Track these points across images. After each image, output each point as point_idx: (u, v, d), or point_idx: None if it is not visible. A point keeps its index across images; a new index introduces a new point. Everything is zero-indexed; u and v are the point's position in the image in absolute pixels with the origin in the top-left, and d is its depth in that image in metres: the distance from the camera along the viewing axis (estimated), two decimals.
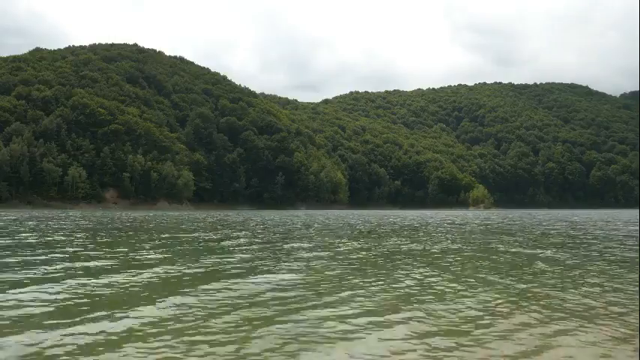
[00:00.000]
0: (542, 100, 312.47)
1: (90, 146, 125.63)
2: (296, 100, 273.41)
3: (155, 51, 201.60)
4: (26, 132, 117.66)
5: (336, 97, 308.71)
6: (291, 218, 51.87)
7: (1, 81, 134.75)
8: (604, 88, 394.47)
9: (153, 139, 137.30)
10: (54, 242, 17.54)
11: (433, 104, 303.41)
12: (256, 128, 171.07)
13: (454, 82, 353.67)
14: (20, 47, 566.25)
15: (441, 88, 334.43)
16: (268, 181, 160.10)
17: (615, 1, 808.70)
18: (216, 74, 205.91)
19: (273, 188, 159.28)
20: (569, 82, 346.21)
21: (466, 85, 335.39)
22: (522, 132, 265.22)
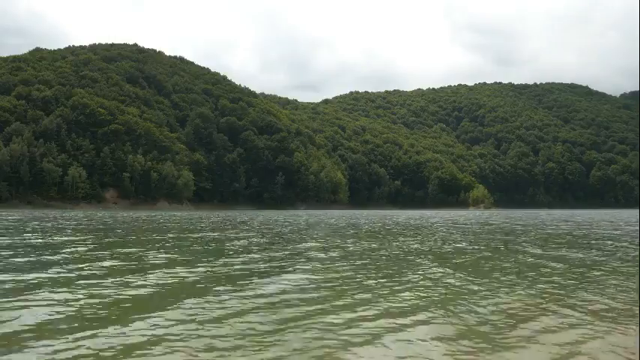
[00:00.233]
0: (542, 100, 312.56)
1: (90, 146, 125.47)
2: (296, 100, 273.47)
3: (155, 51, 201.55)
4: (26, 132, 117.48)
5: (336, 97, 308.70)
6: (294, 218, 51.71)
7: (1, 81, 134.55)
8: (604, 88, 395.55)
9: (153, 139, 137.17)
10: (62, 244, 17.40)
11: (433, 104, 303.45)
12: (256, 128, 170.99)
13: (454, 82, 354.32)
14: (20, 47, 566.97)
15: (441, 88, 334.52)
16: (268, 181, 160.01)
17: (615, 1, 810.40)
18: (216, 74, 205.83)
19: (273, 188, 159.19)
20: (569, 82, 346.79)
21: (466, 85, 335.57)
22: (522, 132, 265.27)
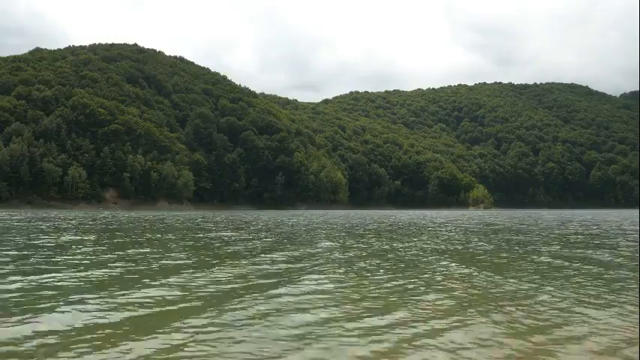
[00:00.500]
0: (542, 100, 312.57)
1: (90, 146, 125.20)
2: (296, 100, 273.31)
3: (155, 51, 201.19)
4: (26, 132, 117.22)
5: (336, 97, 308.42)
6: (297, 218, 51.54)
7: (1, 81, 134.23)
8: (604, 88, 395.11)
9: (153, 139, 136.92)
10: (71, 244, 17.17)
11: (433, 104, 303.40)
12: (256, 128, 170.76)
13: (454, 82, 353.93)
14: (20, 47, 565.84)
15: (441, 88, 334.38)
16: (268, 181, 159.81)
17: (615, 1, 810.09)
18: (216, 74, 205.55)
19: (273, 188, 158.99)
20: (569, 82, 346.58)
21: (466, 85, 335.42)
22: (522, 132, 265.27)
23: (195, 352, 4.77)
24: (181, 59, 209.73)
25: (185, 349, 4.84)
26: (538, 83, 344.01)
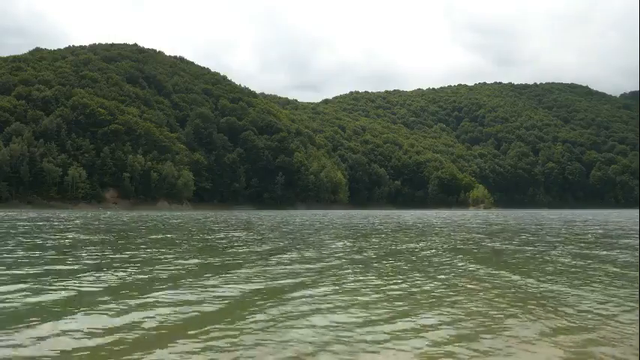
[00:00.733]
0: (542, 100, 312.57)
1: (90, 146, 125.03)
2: (296, 100, 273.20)
3: (155, 51, 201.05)
4: (26, 132, 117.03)
5: (336, 97, 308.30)
6: (300, 218, 51.41)
7: (1, 81, 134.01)
8: (604, 88, 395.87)
9: (153, 139, 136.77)
10: (84, 244, 17.00)
11: (433, 104, 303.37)
12: (256, 128, 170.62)
13: (454, 82, 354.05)
14: (20, 47, 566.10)
15: (441, 88, 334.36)
16: (268, 181, 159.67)
17: (615, 1, 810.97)
18: (216, 74, 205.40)
19: (273, 188, 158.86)
20: (569, 82, 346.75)
21: (466, 85, 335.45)
22: (522, 132, 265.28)
23: (213, 357, 4.63)
24: (181, 59, 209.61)
25: (202, 353, 4.71)
26: (538, 83, 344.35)
